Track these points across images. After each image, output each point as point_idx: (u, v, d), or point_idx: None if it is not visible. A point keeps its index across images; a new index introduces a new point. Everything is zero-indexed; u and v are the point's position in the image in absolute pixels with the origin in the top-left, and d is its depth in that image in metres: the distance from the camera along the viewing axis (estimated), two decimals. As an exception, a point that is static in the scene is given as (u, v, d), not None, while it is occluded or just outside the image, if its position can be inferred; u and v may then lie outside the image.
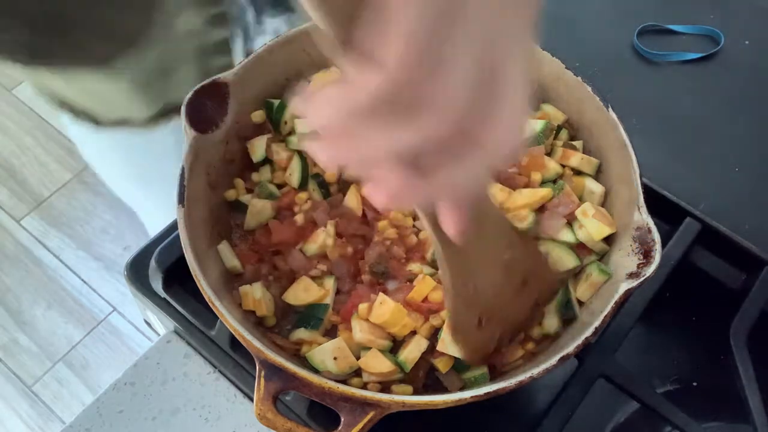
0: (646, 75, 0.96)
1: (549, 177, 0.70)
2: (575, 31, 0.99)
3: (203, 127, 0.66)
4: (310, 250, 0.67)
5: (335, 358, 0.60)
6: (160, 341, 0.73)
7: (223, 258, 0.66)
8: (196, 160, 0.64)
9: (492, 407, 0.65)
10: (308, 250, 0.67)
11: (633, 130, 0.67)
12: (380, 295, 0.62)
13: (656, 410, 0.65)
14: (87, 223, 2.06)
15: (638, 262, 0.60)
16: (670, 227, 0.76)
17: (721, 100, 0.93)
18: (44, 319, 1.90)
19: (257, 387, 0.55)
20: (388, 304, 0.61)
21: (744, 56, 0.98)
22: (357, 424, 0.54)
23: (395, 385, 0.61)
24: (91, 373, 1.83)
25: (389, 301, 0.62)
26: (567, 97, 0.72)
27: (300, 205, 0.69)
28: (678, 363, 0.78)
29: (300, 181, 0.70)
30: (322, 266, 0.67)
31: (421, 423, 0.68)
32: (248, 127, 0.72)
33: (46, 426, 1.75)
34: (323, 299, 0.64)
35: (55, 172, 2.14)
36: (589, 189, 0.69)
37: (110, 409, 0.69)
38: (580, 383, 0.65)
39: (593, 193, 0.69)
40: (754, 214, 0.82)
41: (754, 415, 0.65)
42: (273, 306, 0.65)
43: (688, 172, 0.85)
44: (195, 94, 0.65)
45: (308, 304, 0.65)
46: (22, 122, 2.23)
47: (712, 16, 1.01)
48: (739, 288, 0.75)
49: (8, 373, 1.82)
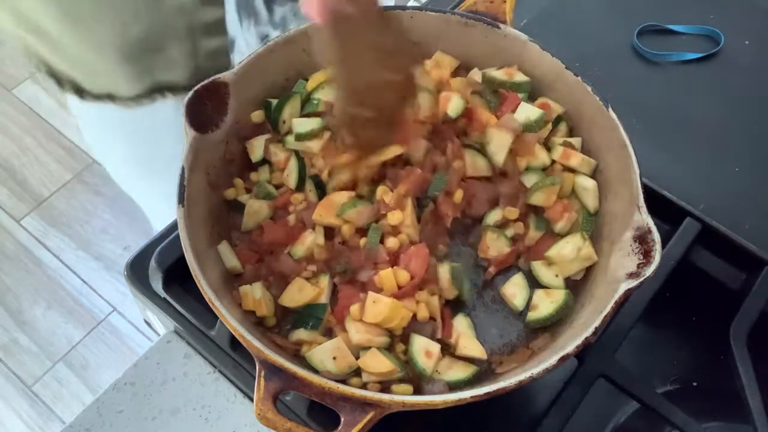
0: (646, 75, 0.96)
1: (535, 166, 0.71)
2: (575, 31, 0.99)
3: (203, 127, 0.66)
4: (297, 252, 0.67)
5: (334, 357, 0.60)
6: (160, 341, 0.73)
7: (223, 258, 0.66)
8: (196, 160, 0.64)
9: (492, 407, 0.66)
10: (296, 252, 0.67)
11: (633, 130, 0.67)
12: (370, 294, 0.62)
13: (656, 410, 0.65)
14: (87, 223, 2.06)
15: (638, 262, 0.60)
16: (670, 227, 0.76)
17: (721, 100, 0.93)
18: (44, 319, 1.90)
19: (257, 387, 0.55)
20: (383, 301, 0.61)
21: (744, 56, 0.98)
22: (357, 424, 0.54)
23: (395, 385, 0.61)
24: (91, 373, 1.83)
25: (382, 298, 0.62)
26: (567, 96, 0.72)
27: (295, 205, 0.69)
28: (678, 363, 0.78)
29: (297, 181, 0.70)
30: (312, 267, 0.66)
31: (421, 423, 0.68)
32: (248, 127, 0.72)
33: (46, 426, 1.75)
34: (319, 298, 0.64)
35: (55, 172, 2.14)
36: (582, 185, 0.70)
37: (110, 409, 0.69)
38: (580, 383, 0.65)
39: (586, 190, 0.70)
40: (754, 214, 0.82)
41: (754, 415, 0.65)
42: (273, 306, 0.65)
43: (688, 172, 0.85)
44: (195, 94, 0.65)
45: (305, 305, 0.65)
46: (22, 122, 2.23)
47: (712, 16, 1.01)
48: (739, 288, 0.75)
49: (8, 373, 1.82)
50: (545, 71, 0.73)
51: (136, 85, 0.84)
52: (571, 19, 1.01)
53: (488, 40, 0.74)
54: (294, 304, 0.65)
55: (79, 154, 2.17)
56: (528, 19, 0.98)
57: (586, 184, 0.70)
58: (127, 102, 0.86)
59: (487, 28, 0.73)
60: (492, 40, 0.74)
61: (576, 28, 1.00)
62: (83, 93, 0.87)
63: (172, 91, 0.85)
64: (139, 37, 0.79)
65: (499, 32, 0.73)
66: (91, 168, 2.15)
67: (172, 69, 0.83)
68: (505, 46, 0.74)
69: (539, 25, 0.97)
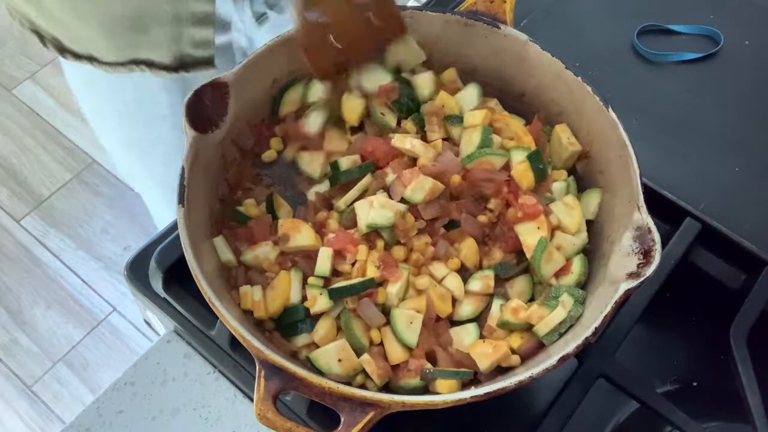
0: (646, 75, 0.96)
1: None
2: (575, 31, 0.99)
3: (203, 127, 0.65)
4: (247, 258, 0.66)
5: (339, 360, 0.60)
6: (160, 341, 0.73)
7: (218, 251, 0.66)
8: (196, 160, 0.64)
9: (492, 407, 0.66)
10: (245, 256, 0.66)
11: (633, 130, 0.67)
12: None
13: (656, 410, 0.65)
14: (87, 223, 2.06)
15: (638, 262, 0.60)
16: (670, 227, 0.76)
17: (721, 100, 0.93)
18: (44, 319, 1.90)
19: (257, 387, 0.54)
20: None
21: (744, 56, 0.98)
22: (357, 424, 0.54)
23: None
24: (91, 373, 1.83)
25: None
26: (567, 96, 0.72)
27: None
28: (678, 363, 0.78)
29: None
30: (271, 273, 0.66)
31: (421, 423, 0.68)
32: (247, 128, 0.72)
33: (46, 426, 1.75)
34: (290, 299, 0.64)
35: (55, 172, 2.14)
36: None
37: (110, 409, 0.69)
38: (580, 383, 0.65)
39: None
40: (754, 214, 0.82)
41: (753, 415, 0.65)
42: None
43: (688, 172, 0.85)
44: (195, 94, 0.65)
45: (285, 309, 0.64)
46: (22, 122, 2.23)
47: (712, 16, 1.01)
48: (739, 288, 0.75)
49: (8, 373, 1.82)
50: (545, 71, 0.73)
51: (117, 54, 0.86)
52: (571, 19, 1.01)
53: (488, 40, 0.74)
54: (277, 308, 0.64)
55: (79, 154, 2.17)
56: (528, 19, 0.98)
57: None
58: (106, 67, 0.87)
59: (487, 28, 0.73)
60: (492, 40, 0.74)
61: (576, 28, 1.00)
62: (64, 52, 0.88)
63: (151, 68, 0.86)
64: (123, 16, 0.80)
65: (499, 32, 0.73)
66: (91, 168, 2.15)
67: (154, 50, 0.84)
68: (505, 46, 0.74)
69: (539, 25, 0.97)
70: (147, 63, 0.86)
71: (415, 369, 0.62)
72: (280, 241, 0.66)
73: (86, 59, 0.87)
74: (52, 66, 2.31)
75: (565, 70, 0.71)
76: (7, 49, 2.35)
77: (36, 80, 2.30)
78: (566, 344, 0.58)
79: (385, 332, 0.63)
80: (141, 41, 0.83)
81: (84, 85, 1.00)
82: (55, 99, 2.26)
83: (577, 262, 0.66)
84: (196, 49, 0.85)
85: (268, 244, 0.67)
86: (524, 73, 0.74)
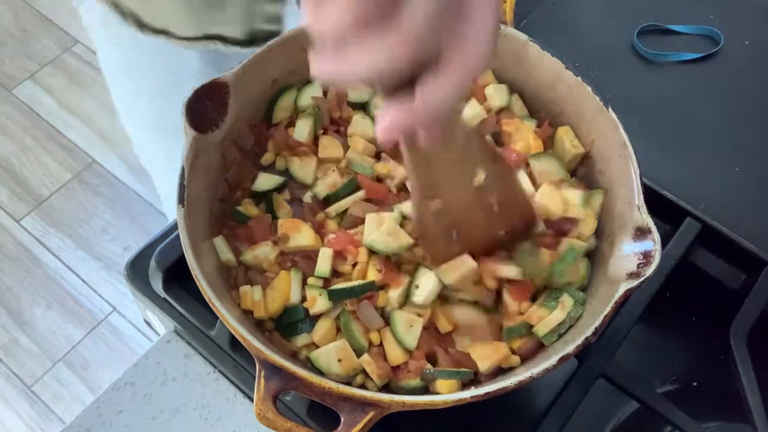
0: (646, 75, 0.96)
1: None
2: (575, 31, 0.99)
3: (203, 127, 0.65)
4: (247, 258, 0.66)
5: (339, 360, 0.60)
6: (160, 341, 0.73)
7: (218, 251, 0.66)
8: (196, 160, 0.64)
9: (492, 407, 0.66)
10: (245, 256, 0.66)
11: (633, 130, 0.67)
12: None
13: (656, 410, 0.65)
14: (87, 223, 2.06)
15: (638, 262, 0.60)
16: (670, 227, 0.76)
17: (721, 100, 0.93)
18: (44, 319, 1.90)
19: (257, 387, 0.55)
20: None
21: (744, 56, 0.98)
22: (357, 424, 0.54)
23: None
24: (91, 373, 1.83)
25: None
26: (567, 96, 0.72)
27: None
28: (678, 363, 0.78)
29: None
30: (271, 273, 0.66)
31: (421, 423, 0.68)
32: (246, 128, 0.72)
33: (46, 426, 1.75)
34: (290, 299, 0.64)
35: (55, 172, 2.14)
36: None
37: (110, 409, 0.69)
38: (580, 383, 0.65)
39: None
40: (754, 214, 0.82)
41: (753, 415, 0.65)
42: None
43: (688, 172, 0.85)
44: (195, 94, 0.65)
45: (285, 309, 0.64)
46: (22, 122, 2.23)
47: (712, 16, 1.01)
48: (739, 288, 0.75)
49: (8, 373, 1.82)
50: (545, 71, 0.73)
51: (193, 29, 0.89)
52: (571, 19, 1.01)
53: (488, 40, 0.74)
54: (276, 309, 0.64)
55: (79, 154, 2.17)
56: (528, 19, 0.98)
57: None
58: (181, 41, 0.90)
59: (487, 28, 0.73)
60: (492, 40, 0.74)
61: (576, 28, 1.00)
62: (143, 27, 0.91)
63: (224, 42, 0.90)
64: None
65: (499, 32, 0.73)
66: (91, 168, 2.15)
67: (228, 25, 0.88)
68: (504, 46, 0.74)
69: (539, 25, 0.97)
70: (220, 38, 0.89)
71: (415, 369, 0.62)
72: (279, 241, 0.66)
73: (162, 33, 0.90)
74: (52, 66, 2.31)
75: (565, 70, 0.71)
76: (7, 49, 2.35)
77: (36, 80, 2.30)
78: (566, 344, 0.58)
79: (384, 334, 0.63)
80: (216, 17, 0.87)
81: (122, 69, 1.03)
82: (55, 99, 2.26)
83: (581, 266, 0.66)
84: (268, 24, 0.89)
85: (267, 244, 0.67)
86: (524, 73, 0.75)
